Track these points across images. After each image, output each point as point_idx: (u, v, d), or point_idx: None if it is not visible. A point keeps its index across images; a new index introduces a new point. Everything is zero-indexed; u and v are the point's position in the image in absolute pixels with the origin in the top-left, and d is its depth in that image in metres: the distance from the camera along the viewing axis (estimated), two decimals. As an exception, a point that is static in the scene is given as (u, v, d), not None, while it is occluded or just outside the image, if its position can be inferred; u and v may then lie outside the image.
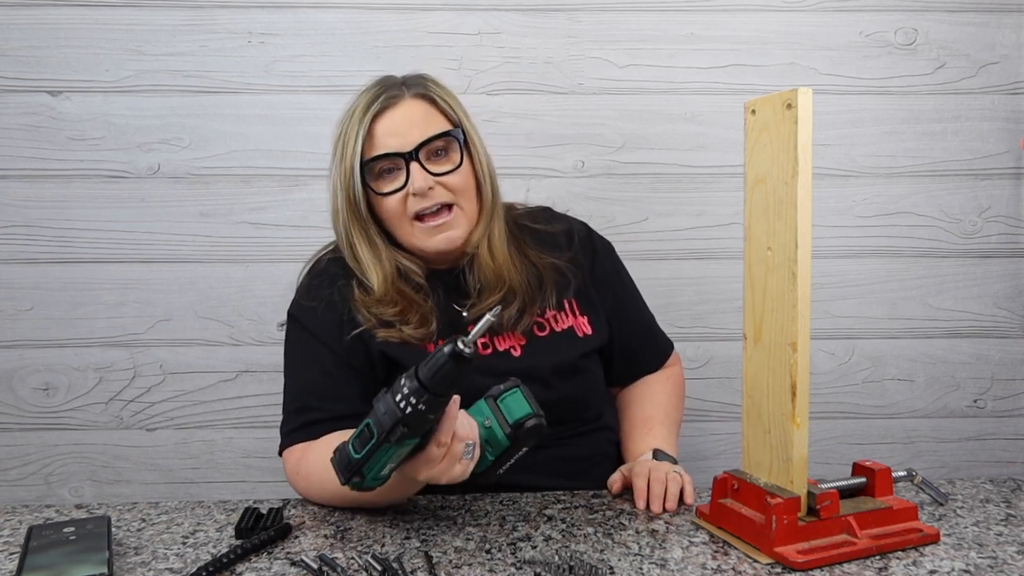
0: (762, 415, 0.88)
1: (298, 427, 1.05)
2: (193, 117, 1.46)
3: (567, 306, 1.12)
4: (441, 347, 0.76)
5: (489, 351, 1.07)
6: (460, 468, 0.82)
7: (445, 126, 1.04)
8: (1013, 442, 1.58)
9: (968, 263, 1.54)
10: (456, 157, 1.04)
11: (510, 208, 1.18)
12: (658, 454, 1.07)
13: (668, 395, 1.22)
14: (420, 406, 0.76)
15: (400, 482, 0.86)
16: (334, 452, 0.83)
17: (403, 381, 0.77)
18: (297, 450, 1.03)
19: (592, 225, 1.24)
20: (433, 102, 1.05)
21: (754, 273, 0.87)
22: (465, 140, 1.06)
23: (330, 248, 1.16)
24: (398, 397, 0.76)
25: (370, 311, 1.05)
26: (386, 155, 1.01)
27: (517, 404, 0.87)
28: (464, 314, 1.08)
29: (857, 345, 1.55)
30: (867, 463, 0.92)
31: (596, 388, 1.15)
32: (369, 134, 1.02)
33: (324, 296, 1.08)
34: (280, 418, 1.09)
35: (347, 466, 0.81)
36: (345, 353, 1.05)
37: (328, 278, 1.10)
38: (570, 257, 1.13)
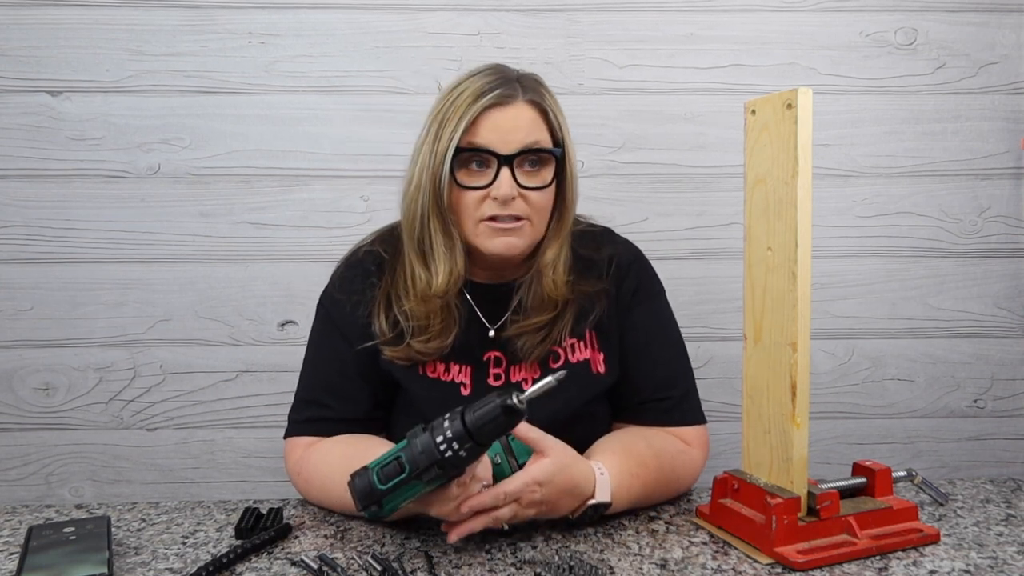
0: (762, 415, 0.88)
1: (305, 420, 1.05)
2: (193, 117, 1.46)
3: (587, 336, 1.06)
4: (493, 397, 0.75)
5: (501, 382, 1.04)
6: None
7: (549, 141, 0.98)
8: (1013, 442, 1.58)
9: (968, 263, 1.54)
10: (548, 176, 0.98)
11: (572, 222, 1.09)
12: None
13: (656, 446, 1.00)
14: (461, 452, 0.74)
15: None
16: (352, 476, 0.81)
17: (446, 423, 0.75)
18: (300, 445, 1.03)
19: (595, 222, 1.17)
20: (545, 114, 0.98)
21: (754, 273, 0.87)
22: (563, 162, 1.00)
23: (368, 240, 1.10)
24: (439, 439, 0.75)
25: (401, 307, 1.00)
26: (483, 150, 0.95)
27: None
28: (491, 333, 1.04)
29: (857, 345, 1.55)
30: (867, 463, 0.92)
31: (599, 435, 1.07)
32: (473, 124, 0.95)
33: (356, 291, 1.04)
34: (282, 414, 1.09)
35: (367, 494, 0.79)
36: (365, 356, 1.03)
37: (362, 272, 1.06)
38: (602, 287, 1.06)
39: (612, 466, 0.92)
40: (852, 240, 1.53)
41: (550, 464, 0.85)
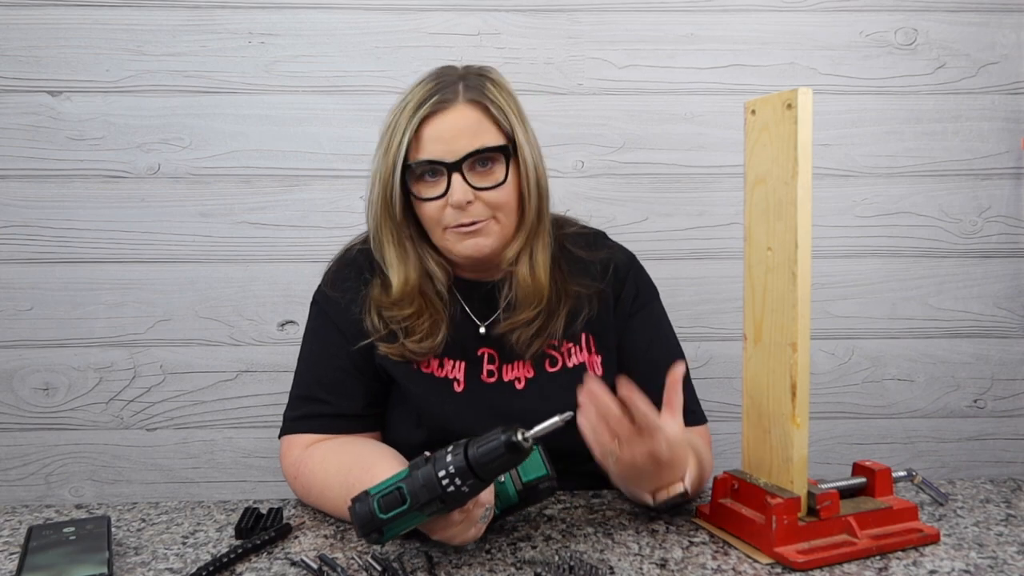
0: (762, 415, 0.87)
1: (301, 416, 1.05)
2: (193, 117, 1.46)
3: (583, 340, 1.06)
4: (498, 433, 0.74)
5: (494, 379, 1.04)
6: (475, 531, 0.81)
7: (496, 138, 0.98)
8: (1013, 442, 1.58)
9: (968, 263, 1.54)
10: (500, 173, 0.98)
11: (564, 224, 1.11)
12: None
13: (695, 442, 0.99)
14: (464, 488, 0.74)
15: None
16: (353, 501, 0.80)
17: (448, 457, 0.75)
18: (297, 445, 1.03)
19: (592, 226, 1.19)
20: (487, 110, 0.98)
21: (754, 273, 0.87)
22: (515, 154, 1.00)
23: (362, 238, 1.11)
24: (441, 473, 0.74)
25: (383, 313, 1.02)
26: (429, 162, 0.96)
27: (533, 464, 0.85)
28: (482, 330, 1.05)
29: (857, 345, 1.55)
30: (867, 463, 0.92)
31: None
32: (416, 136, 0.96)
33: (350, 289, 1.06)
34: (279, 415, 1.09)
35: (368, 522, 0.78)
36: (360, 353, 1.04)
37: (356, 270, 1.07)
38: (598, 289, 1.06)
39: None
40: (852, 240, 1.53)
41: (676, 425, 0.83)
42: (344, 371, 1.04)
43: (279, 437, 1.07)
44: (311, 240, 1.49)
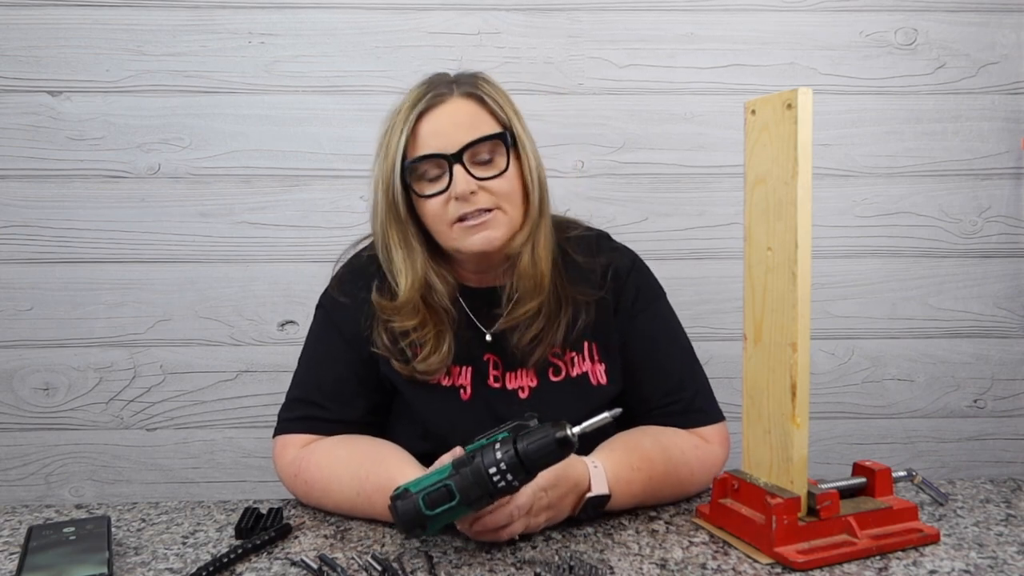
0: (762, 415, 0.87)
1: (299, 418, 1.04)
2: (193, 117, 1.46)
3: (586, 349, 1.04)
4: (548, 428, 0.77)
5: (499, 385, 1.03)
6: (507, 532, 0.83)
7: (493, 128, 0.97)
8: (1013, 442, 1.58)
9: (968, 263, 1.54)
10: (502, 162, 0.97)
11: (567, 227, 1.09)
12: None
13: (664, 441, 0.99)
14: (515, 483, 0.77)
15: None
16: (393, 500, 0.80)
17: (498, 455, 0.76)
18: (293, 445, 1.02)
19: (593, 226, 1.16)
20: (482, 102, 0.98)
21: (754, 273, 0.87)
22: (514, 143, 0.99)
23: (370, 244, 1.09)
24: (492, 470, 0.76)
25: (388, 326, 1.01)
26: (429, 156, 0.95)
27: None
28: (488, 337, 1.03)
29: (857, 345, 1.55)
30: (867, 463, 0.92)
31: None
32: (413, 134, 0.96)
33: (360, 297, 1.04)
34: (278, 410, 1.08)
35: (413, 519, 0.79)
36: (363, 363, 1.03)
37: (365, 278, 1.05)
38: (599, 297, 1.04)
39: (608, 460, 0.92)
40: (852, 240, 1.53)
41: (552, 468, 0.85)
42: (345, 380, 1.03)
43: (274, 436, 1.06)
44: (311, 240, 1.49)
